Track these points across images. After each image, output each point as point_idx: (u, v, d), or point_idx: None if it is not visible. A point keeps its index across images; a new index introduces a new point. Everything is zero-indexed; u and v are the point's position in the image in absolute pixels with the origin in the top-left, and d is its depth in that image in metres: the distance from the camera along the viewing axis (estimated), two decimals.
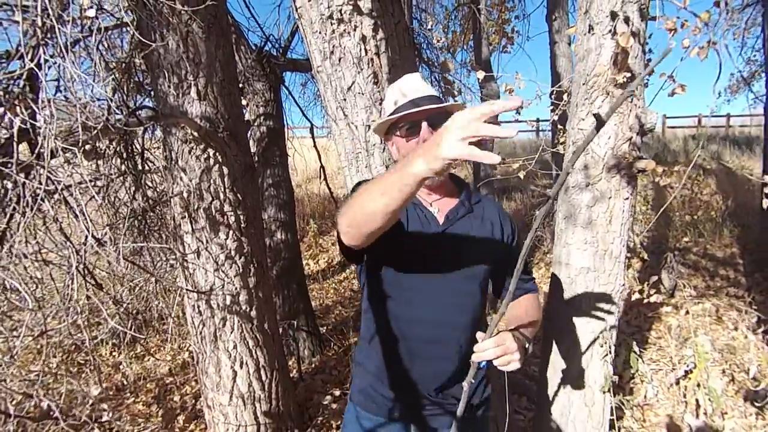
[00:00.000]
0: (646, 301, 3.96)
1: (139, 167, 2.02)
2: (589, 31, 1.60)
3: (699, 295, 4.10)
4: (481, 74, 2.15)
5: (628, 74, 1.48)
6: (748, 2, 4.91)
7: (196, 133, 1.98)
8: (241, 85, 3.63)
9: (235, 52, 3.45)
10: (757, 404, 2.20)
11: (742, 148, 9.21)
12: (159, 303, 3.54)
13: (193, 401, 2.81)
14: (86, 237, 1.27)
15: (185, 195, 2.06)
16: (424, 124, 1.10)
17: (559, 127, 2.69)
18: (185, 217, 2.10)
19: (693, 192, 5.76)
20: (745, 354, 2.78)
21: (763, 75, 4.51)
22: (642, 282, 4.46)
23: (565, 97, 2.12)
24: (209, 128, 2.02)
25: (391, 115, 1.15)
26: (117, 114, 1.58)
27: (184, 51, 1.95)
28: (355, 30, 1.41)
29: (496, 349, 0.94)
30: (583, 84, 1.64)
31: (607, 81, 1.53)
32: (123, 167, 2.08)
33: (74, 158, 1.46)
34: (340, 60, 1.46)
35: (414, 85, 1.16)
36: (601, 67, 1.56)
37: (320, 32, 1.45)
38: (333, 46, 1.45)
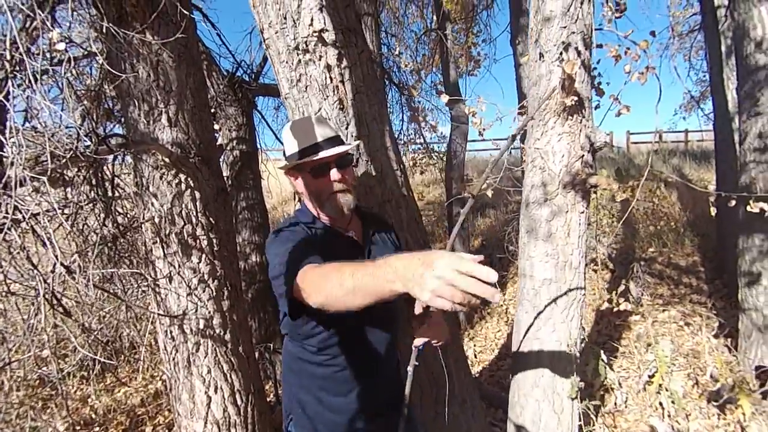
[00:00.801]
0: (615, 310, 4.10)
1: (110, 194, 2.02)
2: (539, 58, 1.73)
3: (664, 303, 4.28)
4: (445, 98, 2.26)
5: (576, 98, 1.60)
6: (693, 28, 5.28)
7: (167, 159, 2.00)
8: (213, 111, 3.67)
9: (206, 78, 3.51)
10: (716, 403, 2.31)
11: (700, 162, 9.74)
12: (130, 332, 3.46)
13: (167, 431, 2.74)
14: (54, 265, 1.27)
15: (157, 220, 2.07)
16: (334, 170, 1.19)
17: (521, 145, 2.82)
18: (157, 242, 2.10)
19: (655, 204, 6.04)
20: (708, 358, 2.90)
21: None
22: (611, 292, 4.61)
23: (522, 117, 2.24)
24: (180, 154, 2.05)
25: (300, 155, 1.19)
26: (86, 142, 1.60)
27: (155, 80, 1.99)
28: (320, 59, 1.48)
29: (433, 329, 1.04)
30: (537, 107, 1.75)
31: (557, 104, 1.64)
32: (93, 194, 2.07)
33: (42, 186, 1.47)
34: (306, 87, 1.53)
35: (314, 128, 1.20)
36: (552, 91, 1.68)
37: (287, 62, 1.52)
38: (300, 75, 1.52)
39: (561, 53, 1.63)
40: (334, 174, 1.19)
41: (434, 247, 7.12)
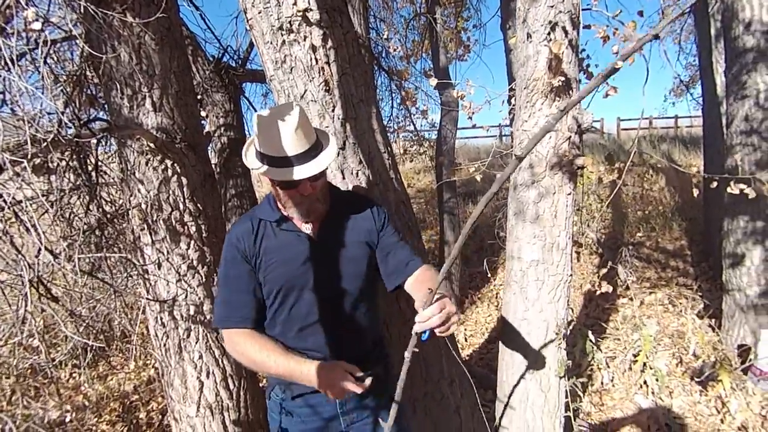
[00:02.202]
0: (603, 293, 4.17)
1: (95, 180, 1.99)
2: (527, 39, 1.72)
3: (652, 285, 4.35)
4: (433, 81, 2.25)
5: (563, 78, 1.60)
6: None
7: (152, 145, 1.98)
8: (199, 97, 3.61)
9: (192, 64, 3.45)
10: (697, 379, 2.37)
11: (689, 147, 9.82)
12: (121, 320, 3.45)
13: (160, 417, 2.75)
14: (39, 250, 1.26)
15: (144, 206, 2.05)
16: (306, 184, 1.13)
17: (512, 129, 2.82)
18: (144, 228, 2.08)
19: (644, 189, 6.09)
20: (692, 338, 2.97)
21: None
22: (599, 276, 4.68)
23: (512, 101, 2.24)
24: (166, 139, 2.02)
25: (269, 163, 1.12)
26: (69, 127, 1.57)
27: (137, 63, 1.95)
28: (304, 40, 1.46)
29: (441, 315, 0.98)
30: (525, 88, 1.75)
31: (545, 85, 1.64)
32: (78, 181, 2.04)
33: (24, 172, 1.45)
34: (291, 69, 1.51)
35: (282, 139, 1.09)
36: (539, 72, 1.68)
37: (271, 42, 1.50)
38: (284, 56, 1.50)
39: (548, 33, 1.62)
40: (306, 188, 1.14)
41: (424, 234, 7.14)
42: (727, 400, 2.30)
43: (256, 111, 4.01)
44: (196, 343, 2.17)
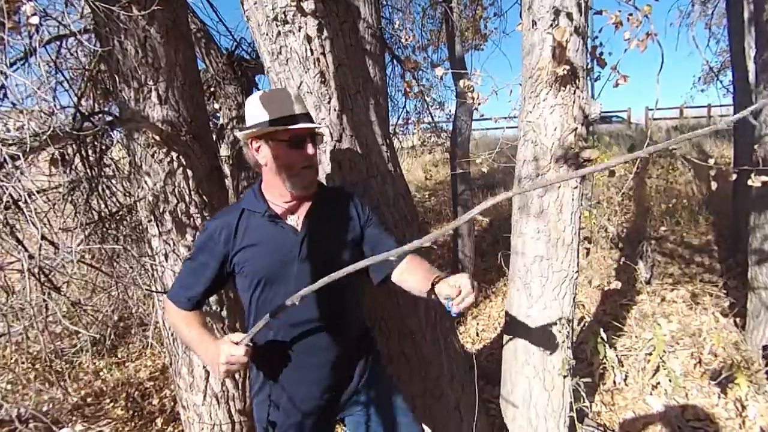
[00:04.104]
0: (622, 289, 4.04)
1: (104, 172, 2.03)
2: (532, 26, 1.65)
3: (674, 282, 4.19)
4: (439, 71, 2.20)
5: (568, 67, 1.53)
6: None
7: (158, 137, 2.00)
8: (212, 89, 3.65)
9: (205, 57, 3.48)
10: (713, 382, 2.27)
11: (723, 137, 9.37)
12: (139, 309, 3.55)
13: (172, 404, 2.83)
14: (40, 241, 1.29)
15: (150, 198, 2.09)
16: (310, 144, 1.20)
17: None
18: (152, 220, 2.12)
19: (668, 182, 5.86)
20: (710, 337, 2.85)
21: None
22: (618, 272, 4.54)
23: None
24: (171, 132, 2.04)
25: (274, 124, 1.17)
26: (75, 120, 1.60)
27: (143, 56, 1.97)
28: (299, 30, 1.44)
29: (473, 293, 1.06)
30: (530, 78, 1.68)
31: (549, 74, 1.57)
32: (91, 173, 2.09)
33: (28, 167, 1.49)
34: (287, 60, 1.49)
35: (292, 101, 1.20)
36: (544, 60, 1.61)
37: (267, 34, 1.49)
38: (280, 47, 1.48)
39: (553, 20, 1.55)
40: (310, 148, 1.20)
41: (439, 226, 7.08)
42: (747, 403, 2.19)
43: None
44: None
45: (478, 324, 4.01)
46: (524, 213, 1.80)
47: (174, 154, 2.08)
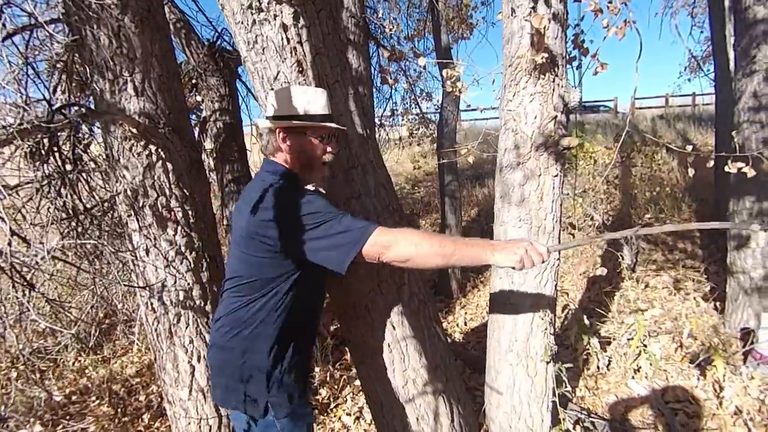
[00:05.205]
0: (606, 276, 4.10)
1: (79, 167, 1.99)
2: (512, 14, 1.64)
3: (657, 268, 4.26)
4: (422, 61, 2.18)
5: (547, 54, 1.52)
6: None
7: (135, 130, 1.96)
8: (194, 81, 3.59)
9: (185, 48, 3.42)
10: (691, 365, 2.32)
11: (707, 125, 9.48)
12: (123, 306, 3.51)
13: (159, 399, 2.81)
14: (9, 238, 1.26)
15: (129, 193, 2.05)
16: (334, 142, 1.38)
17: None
18: (131, 214, 2.09)
19: (653, 170, 5.93)
20: (693, 321, 2.91)
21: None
22: (603, 259, 4.60)
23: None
24: (149, 124, 2.01)
25: (312, 119, 1.32)
26: (42, 112, 1.56)
27: (117, 46, 1.93)
28: (275, 19, 1.42)
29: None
30: (509, 66, 1.68)
31: (528, 62, 1.57)
32: (64, 168, 2.05)
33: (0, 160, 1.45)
34: (263, 50, 1.47)
35: (322, 101, 1.34)
36: (523, 48, 1.60)
37: (242, 22, 1.46)
38: (256, 36, 1.46)
39: (532, 7, 1.55)
40: (335, 146, 1.39)
41: (428, 217, 7.09)
42: (725, 385, 2.25)
43: (254, 96, 3.98)
44: (186, 328, 2.19)
45: (466, 313, 4.04)
46: (506, 202, 1.80)
47: (152, 147, 2.05)
